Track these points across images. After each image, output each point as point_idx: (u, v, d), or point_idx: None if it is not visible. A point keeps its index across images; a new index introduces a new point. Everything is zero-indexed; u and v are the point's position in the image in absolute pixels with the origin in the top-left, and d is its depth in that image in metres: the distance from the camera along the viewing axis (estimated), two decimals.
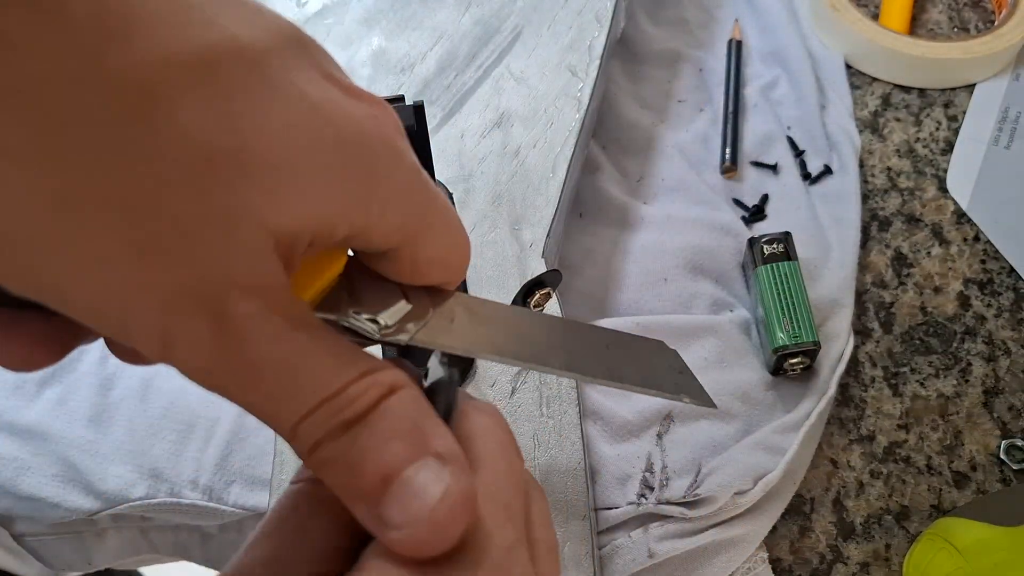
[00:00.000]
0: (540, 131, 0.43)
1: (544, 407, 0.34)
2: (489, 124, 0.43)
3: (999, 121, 0.53)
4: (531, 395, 0.35)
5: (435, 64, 0.45)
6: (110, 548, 0.48)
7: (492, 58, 0.45)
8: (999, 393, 0.44)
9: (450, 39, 0.46)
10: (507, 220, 0.40)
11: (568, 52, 0.45)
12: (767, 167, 0.50)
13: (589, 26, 0.46)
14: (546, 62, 0.45)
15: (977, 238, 0.49)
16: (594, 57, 0.45)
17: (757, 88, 0.53)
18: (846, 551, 0.40)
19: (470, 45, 0.45)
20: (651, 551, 0.38)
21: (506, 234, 0.39)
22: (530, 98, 0.44)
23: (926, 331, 0.46)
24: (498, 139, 0.42)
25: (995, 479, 0.42)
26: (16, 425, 0.42)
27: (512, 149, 0.42)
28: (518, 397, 0.34)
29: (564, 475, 0.33)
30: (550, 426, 0.34)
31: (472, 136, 0.42)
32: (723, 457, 0.40)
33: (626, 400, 0.42)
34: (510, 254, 0.39)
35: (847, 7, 0.55)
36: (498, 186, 0.41)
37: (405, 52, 0.45)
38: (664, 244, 0.46)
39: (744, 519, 0.39)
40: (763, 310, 0.43)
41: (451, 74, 0.44)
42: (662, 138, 0.51)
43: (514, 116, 0.43)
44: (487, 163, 0.41)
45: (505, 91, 0.44)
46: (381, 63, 0.45)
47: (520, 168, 0.41)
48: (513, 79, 0.44)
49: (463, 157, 0.42)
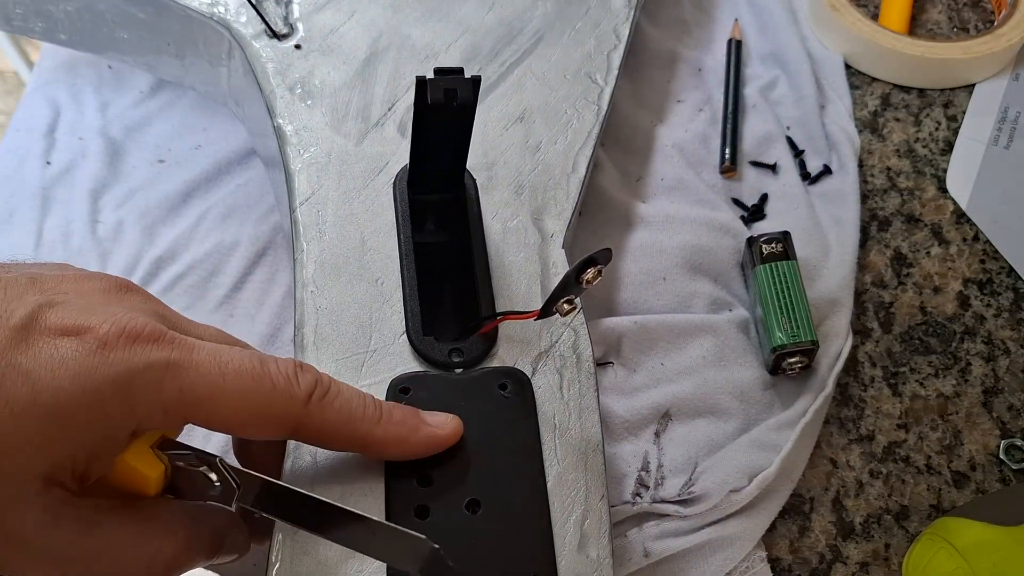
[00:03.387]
0: (560, 130, 0.44)
1: (564, 390, 0.35)
2: (512, 118, 0.44)
3: (999, 121, 0.53)
4: (551, 378, 0.35)
5: (459, 56, 0.46)
6: None
7: (515, 57, 0.46)
8: (998, 393, 0.44)
9: (474, 34, 0.46)
10: (529, 210, 0.41)
11: (587, 60, 0.47)
12: (766, 167, 0.50)
13: (607, 38, 0.48)
14: (567, 67, 0.46)
15: (976, 238, 0.49)
16: (612, 67, 0.47)
17: (756, 88, 0.53)
18: (845, 551, 0.40)
19: (493, 42, 0.46)
20: (647, 550, 0.38)
21: (528, 223, 0.40)
22: (551, 98, 0.45)
23: (925, 331, 0.46)
24: (520, 132, 0.43)
25: (994, 479, 0.42)
26: None
27: (534, 144, 0.43)
28: (538, 378, 0.36)
29: (583, 454, 0.34)
30: (570, 407, 0.35)
31: (495, 127, 0.43)
32: (718, 455, 0.40)
33: (625, 399, 0.42)
34: (532, 242, 0.40)
35: (846, 7, 0.55)
36: (520, 177, 0.42)
37: (429, 41, 0.46)
38: (663, 243, 0.47)
39: (740, 517, 0.39)
40: (762, 309, 0.43)
41: (475, 67, 0.45)
42: (661, 138, 0.51)
43: (536, 113, 0.44)
44: (509, 153, 0.42)
45: (527, 88, 0.45)
46: (405, 49, 0.45)
47: (541, 162, 0.42)
48: (535, 78, 0.45)
49: (486, 146, 0.43)
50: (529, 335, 0.36)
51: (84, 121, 0.53)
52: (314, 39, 0.45)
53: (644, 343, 0.43)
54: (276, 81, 0.44)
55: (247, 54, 0.44)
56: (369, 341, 0.36)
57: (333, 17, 0.46)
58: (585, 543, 0.32)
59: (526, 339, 0.36)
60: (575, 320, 0.37)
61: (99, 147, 0.51)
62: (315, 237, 0.39)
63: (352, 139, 0.42)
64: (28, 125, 0.53)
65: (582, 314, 0.37)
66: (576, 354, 0.36)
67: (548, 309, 0.33)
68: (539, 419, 0.34)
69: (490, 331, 0.36)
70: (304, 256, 0.38)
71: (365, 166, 0.41)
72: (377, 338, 0.36)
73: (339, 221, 0.39)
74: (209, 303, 0.46)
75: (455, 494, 0.31)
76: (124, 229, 0.48)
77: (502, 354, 0.36)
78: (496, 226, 0.40)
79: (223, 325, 0.45)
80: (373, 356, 0.36)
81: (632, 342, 0.43)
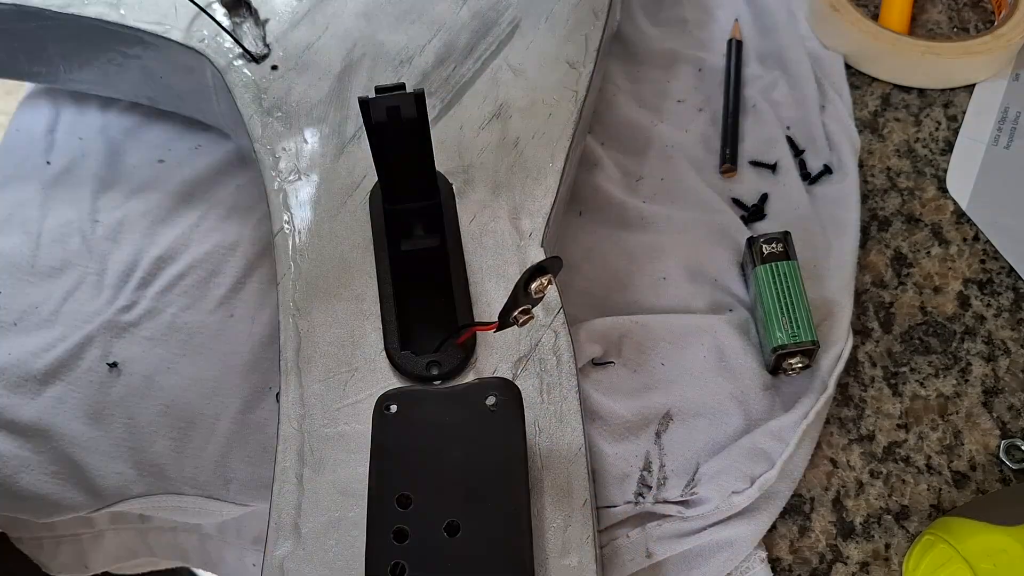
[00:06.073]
0: (538, 122, 0.43)
1: (545, 394, 0.35)
2: (488, 115, 0.43)
3: (999, 121, 0.53)
4: (532, 382, 0.35)
5: (434, 56, 0.45)
6: (108, 551, 0.48)
7: (490, 50, 0.45)
8: (999, 393, 0.44)
9: (448, 31, 0.46)
10: (507, 210, 0.40)
11: (565, 44, 0.45)
12: (766, 167, 0.50)
13: (586, 19, 0.46)
14: (544, 55, 0.45)
15: (976, 238, 0.49)
16: (591, 50, 0.45)
17: (757, 88, 0.53)
18: (846, 551, 0.40)
19: (468, 37, 0.46)
20: (649, 551, 0.38)
21: (506, 224, 0.40)
22: (528, 89, 0.44)
23: (926, 331, 0.46)
24: (497, 130, 0.42)
25: (995, 479, 0.42)
26: (17, 423, 0.42)
27: (511, 140, 0.42)
28: (519, 383, 0.35)
29: (565, 460, 0.33)
30: (551, 412, 0.34)
31: (471, 127, 0.42)
32: (720, 456, 0.40)
33: (625, 399, 0.42)
34: (510, 243, 0.39)
35: (847, 7, 0.55)
36: (497, 176, 0.41)
37: (404, 45, 0.46)
38: (663, 243, 0.47)
39: (741, 518, 0.39)
40: (762, 310, 0.43)
41: (450, 66, 0.45)
42: (661, 138, 0.51)
43: (512, 107, 0.43)
44: (486, 154, 0.42)
45: (503, 83, 0.44)
46: (380, 56, 0.45)
47: (519, 159, 0.42)
48: (511, 71, 0.44)
49: (462, 148, 0.42)
50: (508, 340, 0.36)
51: (84, 121, 0.53)
52: (290, 58, 0.45)
53: (644, 343, 0.43)
54: (254, 105, 0.43)
55: (226, 80, 0.44)
56: (352, 359, 0.36)
57: (308, 32, 0.46)
58: (567, 550, 0.32)
59: (506, 344, 0.36)
60: (555, 321, 0.37)
61: (99, 147, 0.51)
62: (295, 260, 0.38)
63: (329, 156, 0.42)
64: (28, 125, 0.53)
65: (563, 314, 0.37)
66: (556, 356, 0.36)
67: (504, 321, 0.32)
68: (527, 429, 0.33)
69: (467, 340, 0.36)
70: (286, 280, 0.38)
71: (342, 183, 0.41)
72: (360, 356, 0.36)
73: (319, 241, 0.39)
74: (209, 303, 0.46)
75: (434, 516, 0.30)
76: (124, 229, 0.48)
77: (481, 362, 0.36)
78: (474, 230, 0.40)
79: (223, 325, 0.45)
80: (356, 375, 0.36)
81: (632, 342, 0.43)
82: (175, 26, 0.46)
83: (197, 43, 0.45)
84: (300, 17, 0.46)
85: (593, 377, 0.42)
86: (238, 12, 0.47)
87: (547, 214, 0.40)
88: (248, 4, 0.47)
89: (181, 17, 0.46)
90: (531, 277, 0.30)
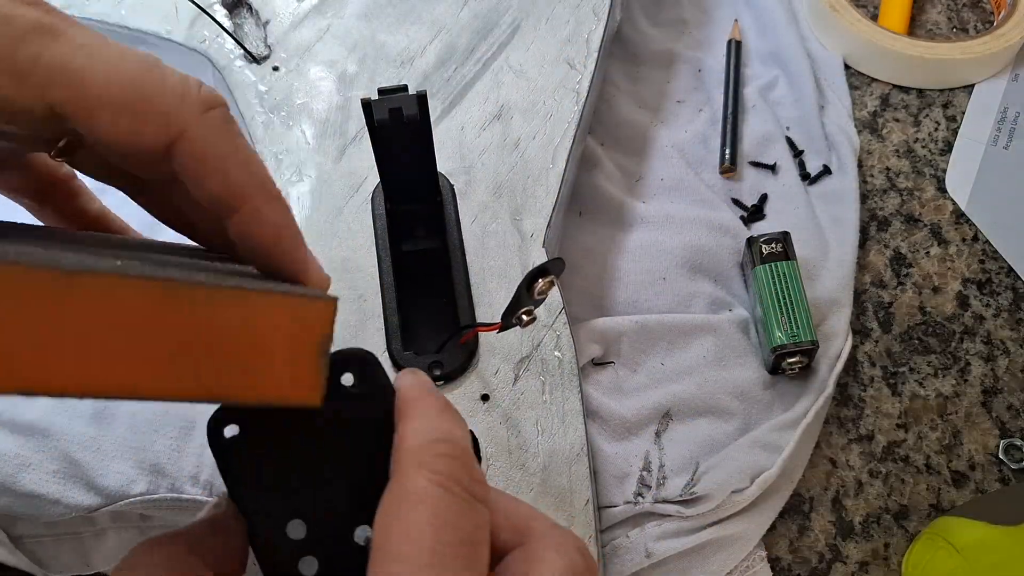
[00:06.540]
0: (539, 123, 0.43)
1: (547, 394, 0.35)
2: (489, 116, 0.43)
3: (998, 121, 0.53)
4: (534, 383, 0.35)
5: (435, 57, 0.45)
6: (109, 550, 0.48)
7: (491, 51, 0.45)
8: (998, 393, 0.44)
9: (449, 32, 0.46)
10: (508, 211, 0.40)
11: (566, 45, 0.45)
12: (766, 167, 0.51)
13: (586, 19, 0.46)
14: (544, 55, 0.45)
15: (976, 238, 0.49)
16: (592, 50, 0.45)
17: (756, 88, 0.53)
18: (845, 550, 0.40)
19: (469, 38, 0.46)
20: (648, 551, 0.38)
21: (507, 225, 0.40)
22: (529, 91, 0.44)
23: (925, 331, 0.46)
24: (498, 131, 0.43)
25: (994, 478, 0.42)
26: (17, 422, 0.42)
27: (512, 141, 0.42)
28: (521, 384, 0.35)
29: (567, 461, 0.33)
30: (553, 412, 0.34)
31: (472, 128, 0.43)
32: (720, 456, 0.40)
33: (625, 399, 0.42)
34: (512, 244, 0.39)
35: (846, 7, 0.55)
36: (498, 177, 0.41)
37: (405, 46, 0.46)
38: (663, 243, 0.47)
39: (741, 517, 0.39)
40: (761, 309, 0.43)
41: (451, 67, 0.45)
42: (661, 138, 0.51)
43: (514, 108, 0.43)
44: (487, 155, 0.42)
45: (504, 84, 0.44)
46: (381, 57, 0.45)
47: (520, 160, 0.42)
48: (512, 72, 0.44)
49: (464, 149, 0.42)
50: (510, 341, 0.36)
51: None
52: (291, 59, 0.45)
53: (644, 343, 0.43)
54: (256, 106, 0.43)
55: (227, 81, 0.44)
56: None
57: (309, 34, 0.46)
58: None
59: (507, 345, 0.36)
60: (557, 321, 0.37)
61: None
62: None
63: (331, 157, 0.42)
64: None
65: (564, 315, 0.37)
66: (558, 357, 0.36)
67: (507, 322, 0.32)
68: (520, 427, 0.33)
69: (469, 341, 0.36)
70: None
71: (344, 184, 0.41)
72: None
73: (321, 243, 0.39)
74: None
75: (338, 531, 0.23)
76: None
77: (483, 363, 0.36)
78: (476, 230, 0.40)
79: None
80: None
81: (632, 342, 0.43)
82: (176, 27, 0.46)
83: (198, 44, 0.45)
84: (301, 18, 0.47)
85: (593, 377, 0.42)
86: (239, 13, 0.47)
87: (548, 215, 0.40)
88: (249, 5, 0.47)
89: (182, 18, 0.46)
90: (533, 278, 0.30)
